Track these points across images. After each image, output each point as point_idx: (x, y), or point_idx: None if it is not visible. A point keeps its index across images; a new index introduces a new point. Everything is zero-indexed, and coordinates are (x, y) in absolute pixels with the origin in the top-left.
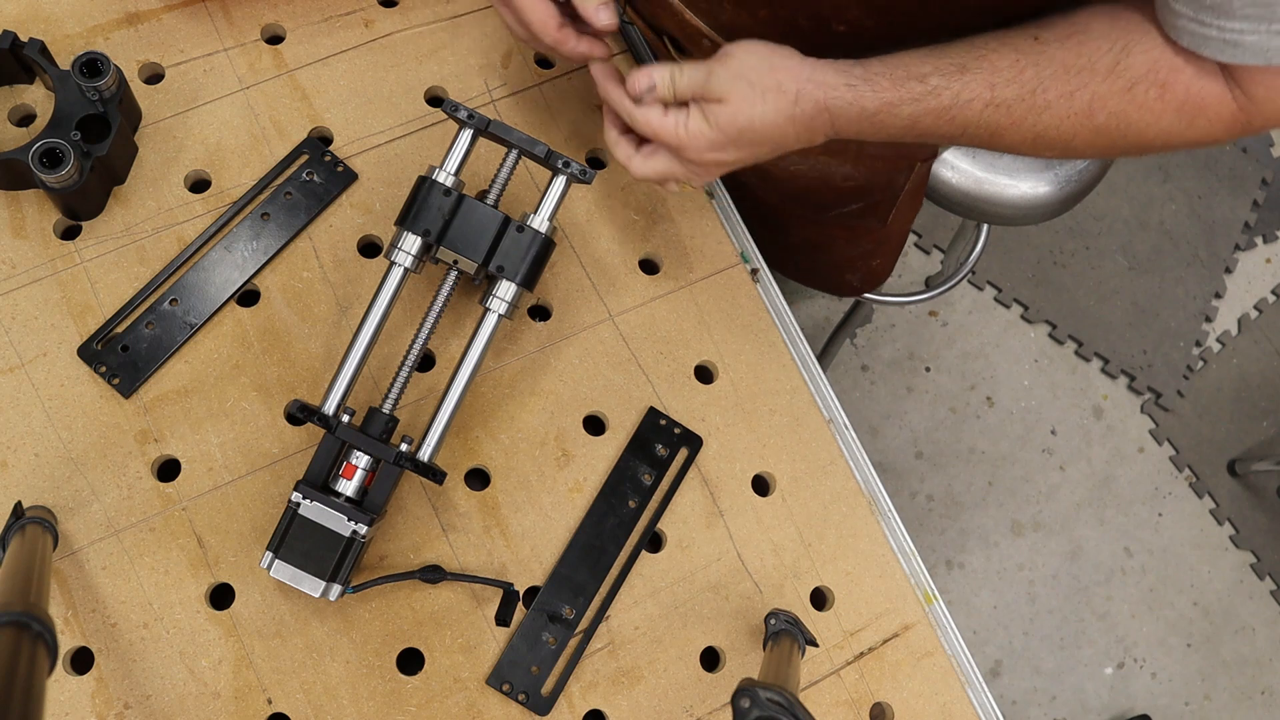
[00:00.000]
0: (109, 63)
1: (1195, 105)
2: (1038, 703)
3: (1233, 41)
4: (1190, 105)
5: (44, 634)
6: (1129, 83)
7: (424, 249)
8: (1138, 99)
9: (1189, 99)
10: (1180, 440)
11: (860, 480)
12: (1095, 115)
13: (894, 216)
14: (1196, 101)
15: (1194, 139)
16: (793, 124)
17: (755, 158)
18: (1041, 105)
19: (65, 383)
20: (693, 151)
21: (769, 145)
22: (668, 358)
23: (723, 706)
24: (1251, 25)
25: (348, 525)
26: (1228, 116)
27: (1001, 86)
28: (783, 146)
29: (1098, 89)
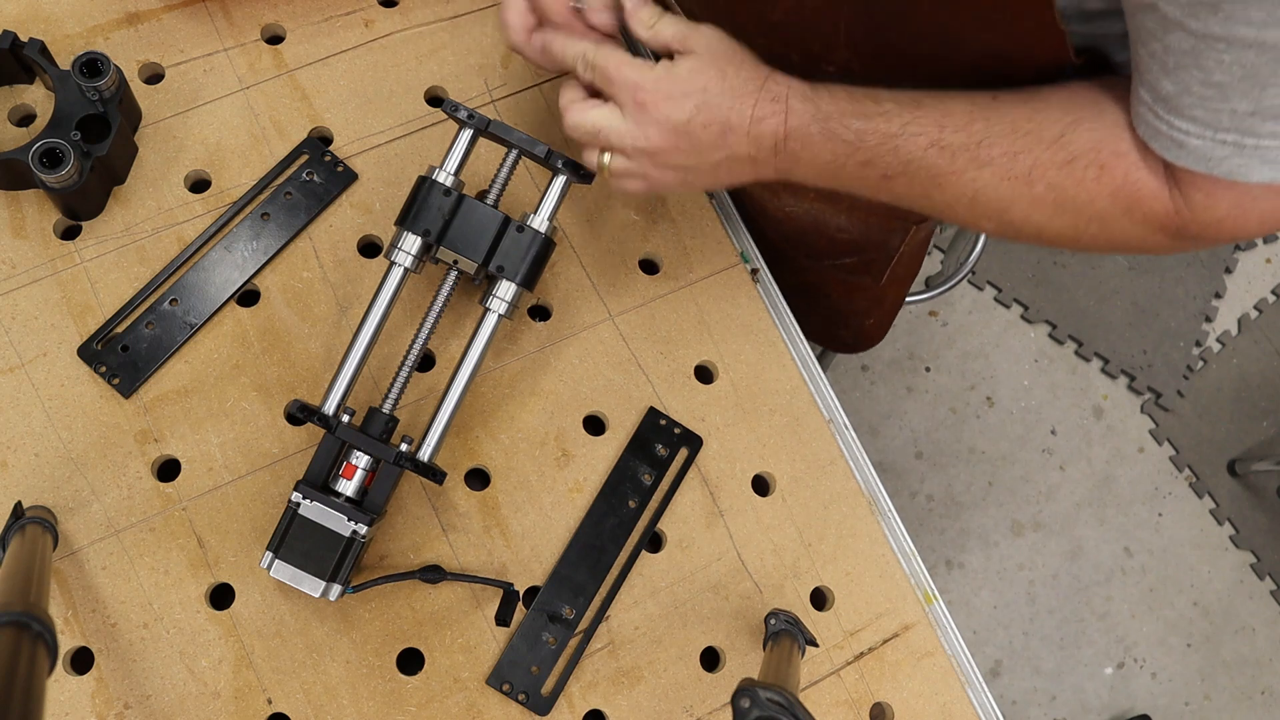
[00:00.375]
0: (109, 63)
1: (1131, 194)
2: (1038, 703)
3: (1179, 141)
4: (1126, 193)
5: (44, 634)
6: (1070, 156)
7: (424, 249)
8: (1076, 174)
9: (1125, 186)
10: (1180, 440)
11: (860, 480)
12: (1034, 183)
13: (889, 277)
14: (1133, 190)
15: (1133, 235)
16: (753, 107)
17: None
18: (984, 159)
19: (65, 383)
20: (649, 93)
21: (717, 128)
22: (668, 358)
23: (723, 706)
24: (1197, 129)
25: (348, 525)
26: (1162, 214)
27: (950, 130)
28: (730, 144)
29: (1040, 156)
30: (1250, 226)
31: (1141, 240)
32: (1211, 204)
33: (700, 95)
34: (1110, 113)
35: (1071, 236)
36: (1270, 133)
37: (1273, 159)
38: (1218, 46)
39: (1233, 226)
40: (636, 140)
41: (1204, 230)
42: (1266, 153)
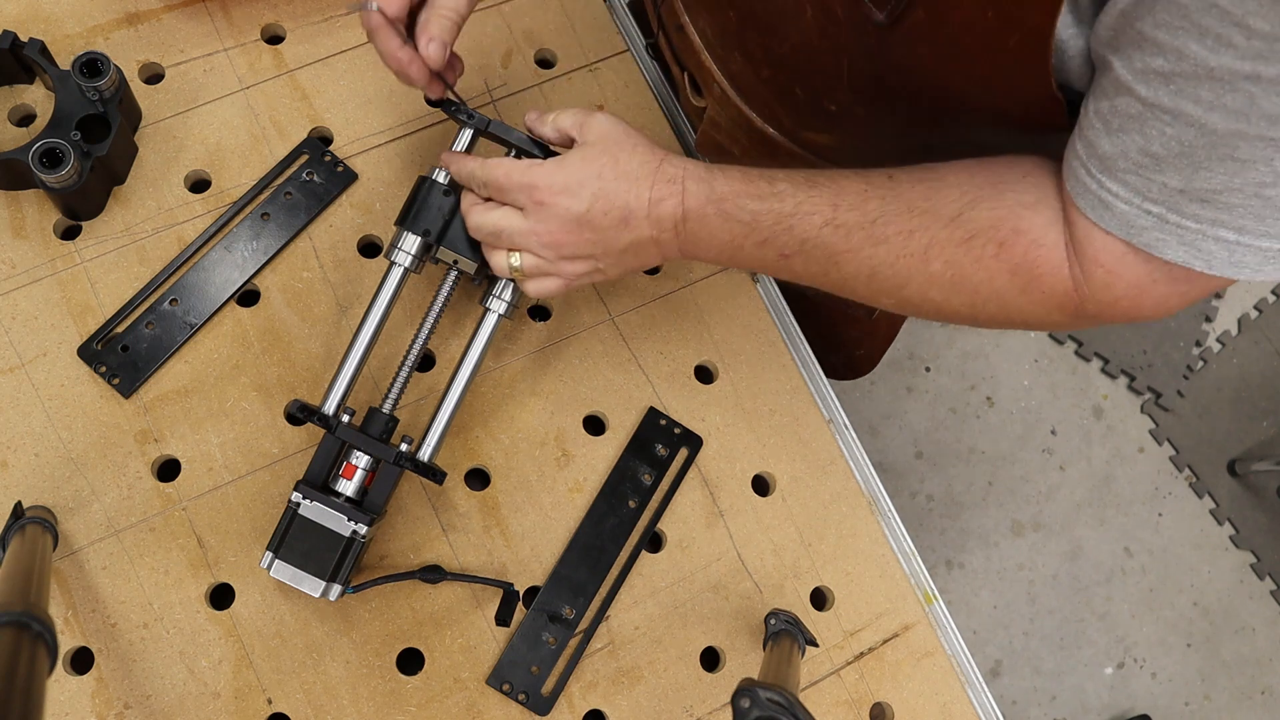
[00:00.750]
0: (109, 63)
1: (1030, 271)
2: (1038, 703)
3: (1106, 202)
4: (1025, 270)
5: (44, 634)
6: (969, 234)
7: (424, 249)
8: (974, 252)
9: (1024, 263)
10: (1180, 440)
11: (860, 480)
12: (931, 261)
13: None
14: (1031, 268)
15: (1030, 313)
16: (650, 189)
17: (602, 242)
18: (880, 237)
19: (65, 383)
20: (544, 190)
21: (618, 214)
22: (668, 358)
23: (723, 706)
24: (1127, 193)
25: (348, 525)
26: (1060, 293)
27: (844, 209)
28: (632, 227)
29: (937, 234)
30: (1144, 309)
31: (1040, 318)
32: (1112, 283)
33: (596, 183)
34: (1011, 192)
35: (969, 314)
36: (1193, 215)
37: (1189, 241)
38: (1163, 118)
39: (1128, 307)
40: (540, 236)
41: (1101, 309)
42: (1185, 234)
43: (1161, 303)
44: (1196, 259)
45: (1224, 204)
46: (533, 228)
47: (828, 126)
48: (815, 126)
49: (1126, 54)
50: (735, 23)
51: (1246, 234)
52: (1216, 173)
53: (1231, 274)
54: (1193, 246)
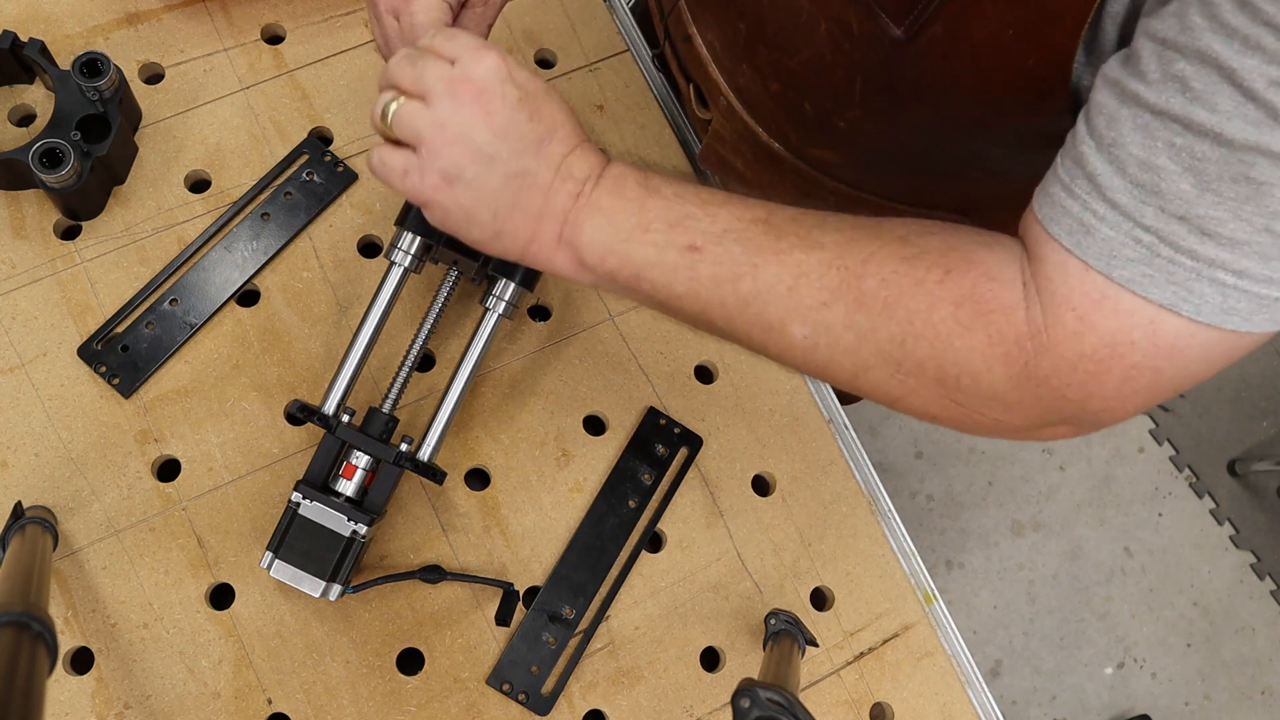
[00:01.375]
0: (109, 63)
1: (978, 305)
2: (1038, 703)
3: (1087, 225)
4: (972, 303)
5: (44, 634)
6: (915, 253)
7: (424, 249)
8: (917, 273)
9: (973, 295)
10: (1180, 440)
11: (860, 480)
12: (866, 276)
13: None
14: (980, 301)
15: (966, 361)
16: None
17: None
18: (814, 242)
19: (65, 383)
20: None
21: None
22: (668, 358)
23: (723, 706)
24: (1115, 216)
25: (348, 525)
26: (1010, 338)
27: (781, 214)
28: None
29: (879, 249)
30: (1107, 383)
31: (975, 372)
32: (1082, 333)
33: (540, 93)
34: (967, 232)
35: (890, 356)
36: (1189, 250)
37: (1180, 280)
38: (1172, 127)
39: (1091, 372)
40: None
41: (1055, 369)
42: (1176, 271)
43: (1127, 380)
44: (1185, 302)
45: (1227, 239)
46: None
47: (835, 143)
48: (822, 143)
49: (1137, 61)
50: (745, 35)
51: (1246, 278)
52: (1225, 196)
53: (1217, 321)
54: (1183, 287)
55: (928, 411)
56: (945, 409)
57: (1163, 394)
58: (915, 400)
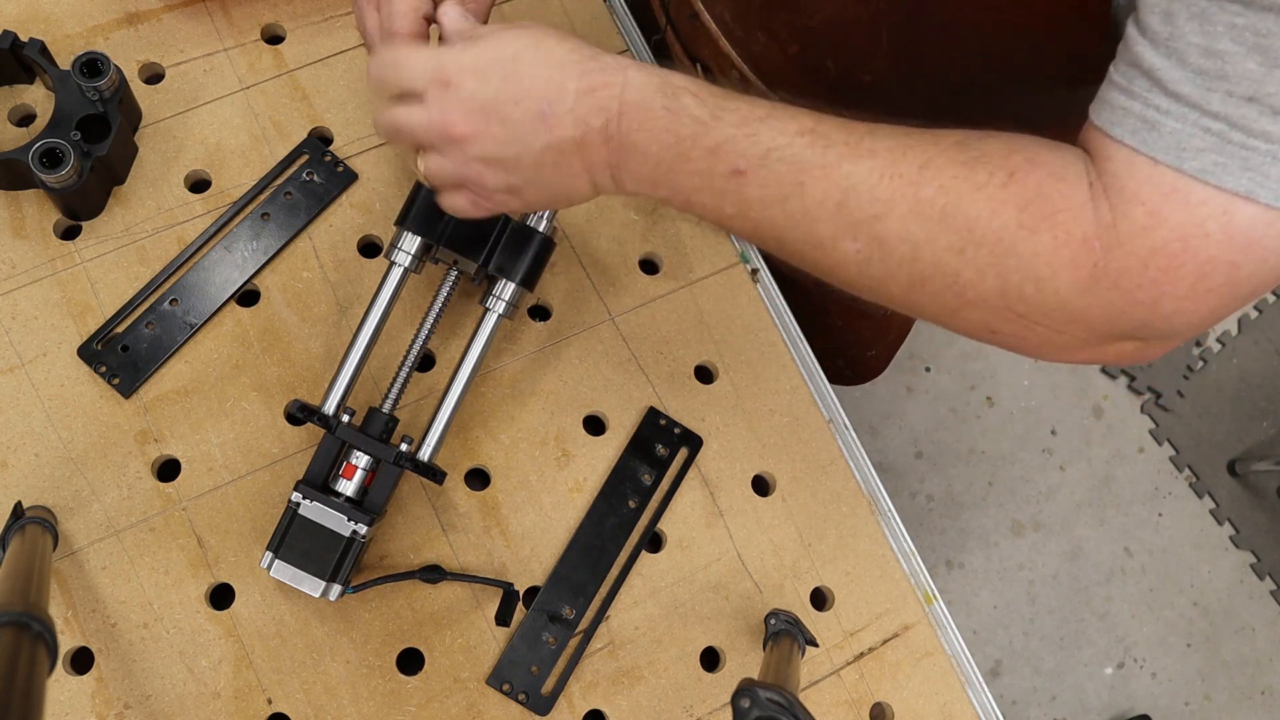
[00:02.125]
0: (109, 63)
1: (1044, 206)
2: (1038, 703)
3: (1151, 121)
4: (1038, 204)
5: (44, 634)
6: (975, 156)
7: (424, 249)
8: (978, 177)
9: (1038, 198)
10: (1180, 440)
11: (860, 480)
12: (922, 184)
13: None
14: (1046, 204)
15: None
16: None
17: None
18: (866, 150)
19: (65, 383)
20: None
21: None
22: (668, 358)
23: (723, 706)
24: (1180, 108)
25: (348, 525)
26: (1079, 238)
27: (829, 123)
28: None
29: (936, 154)
30: (1183, 275)
31: (1043, 276)
32: (1153, 226)
33: (510, 65)
34: (1028, 137)
35: (949, 267)
36: (1262, 132)
37: (1255, 165)
38: (1231, 9)
39: (1165, 266)
40: (441, 127)
41: (1127, 266)
42: (1249, 157)
43: (1201, 276)
44: (1261, 188)
45: None
46: (433, 117)
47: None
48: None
49: None
50: (759, 2)
51: None
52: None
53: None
54: (1258, 172)
55: (986, 326)
56: (1005, 322)
57: (1239, 294)
58: (973, 314)
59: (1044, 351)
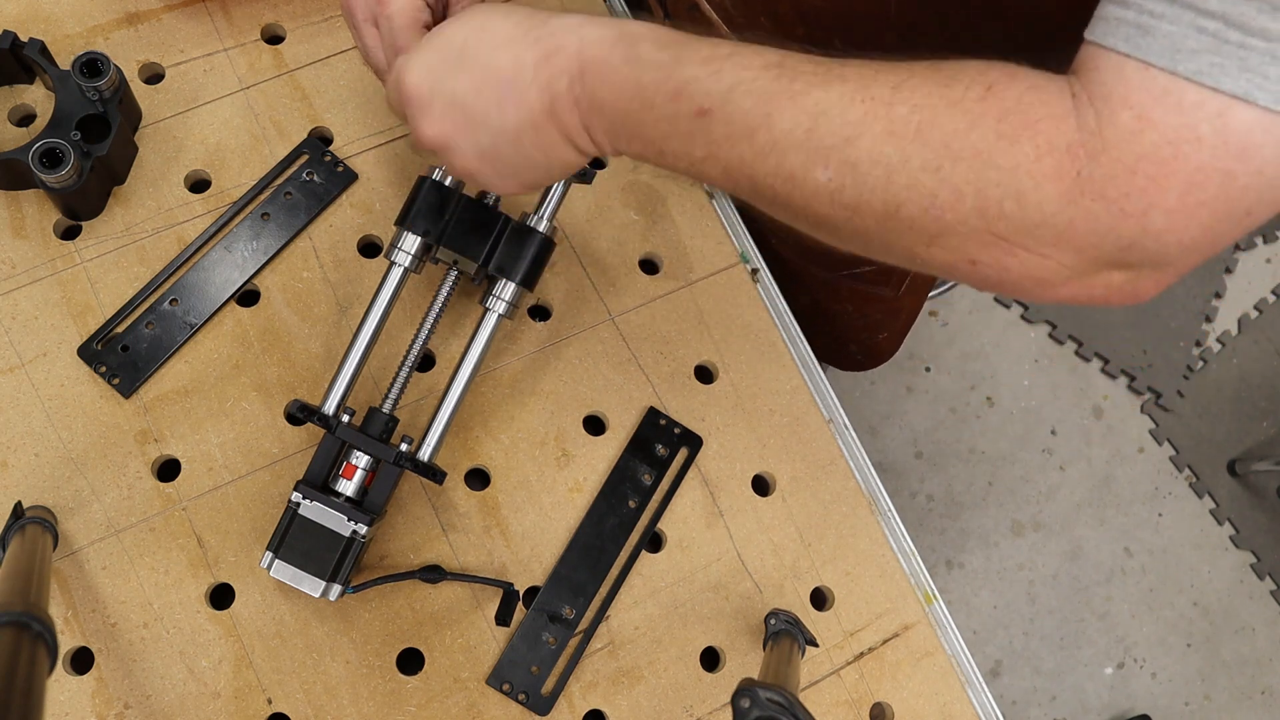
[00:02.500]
0: (109, 63)
1: (1023, 117)
2: (1038, 703)
3: (1145, 26)
4: (1017, 116)
5: (44, 634)
6: (951, 75)
7: (424, 249)
8: (954, 94)
9: (1018, 107)
10: (1180, 440)
11: (860, 480)
12: (895, 104)
13: (907, 287)
14: (1026, 112)
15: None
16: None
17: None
18: (836, 76)
19: (65, 383)
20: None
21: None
22: (668, 358)
23: (723, 706)
24: (1174, 9)
25: (348, 525)
26: (1061, 146)
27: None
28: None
29: (910, 76)
30: (1173, 183)
31: (1025, 189)
32: (1141, 130)
33: (459, 56)
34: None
35: (925, 188)
36: (1261, 29)
37: (1252, 65)
38: None
39: (1155, 173)
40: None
41: (1113, 172)
42: (1247, 57)
43: (1193, 185)
44: (1259, 90)
45: None
46: (413, 137)
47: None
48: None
49: None
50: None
51: None
52: None
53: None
54: (1256, 72)
55: (966, 255)
56: (986, 247)
57: (1234, 210)
58: (952, 241)
59: (1027, 285)
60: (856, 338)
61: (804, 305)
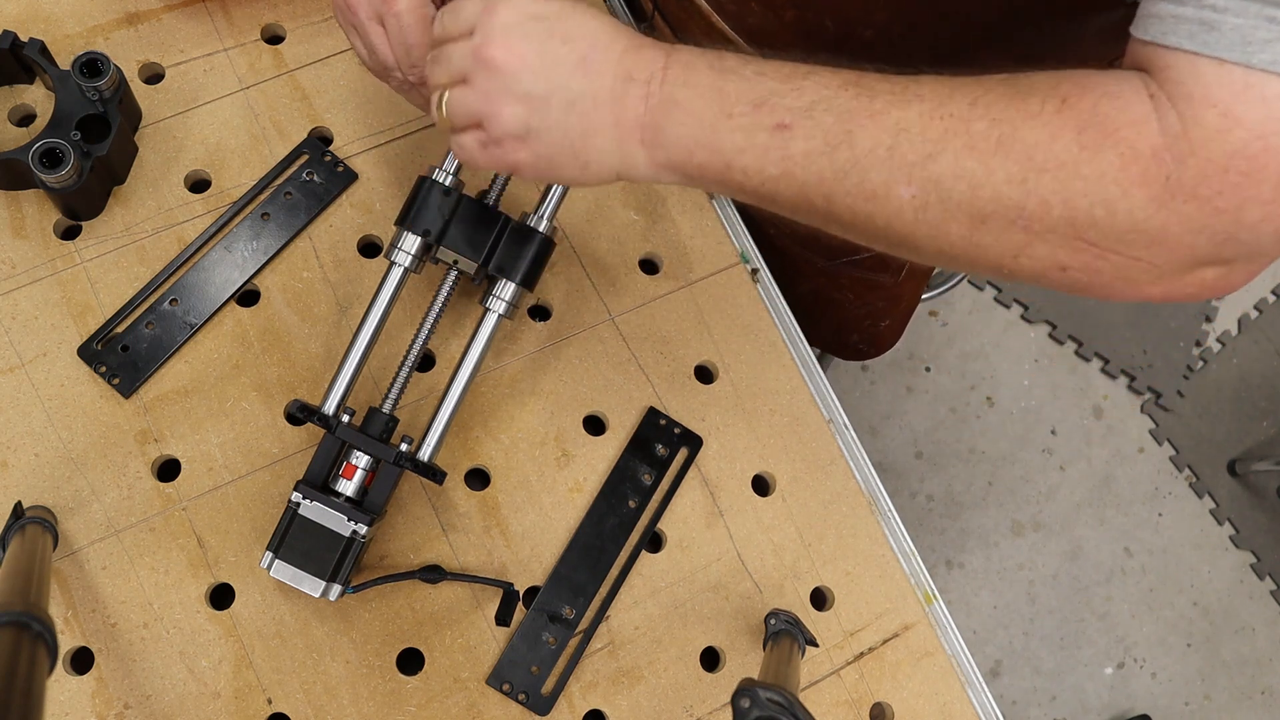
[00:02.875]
0: (109, 63)
1: (1103, 126)
2: (1038, 703)
3: (1209, 22)
4: (1097, 125)
5: (44, 634)
6: (1024, 89)
7: (424, 249)
8: (1031, 108)
9: (1096, 118)
10: (1180, 440)
11: (860, 480)
12: (973, 120)
13: (907, 273)
14: (1105, 121)
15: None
16: (630, 37)
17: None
18: (913, 95)
19: (65, 383)
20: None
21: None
22: (668, 358)
23: (723, 706)
24: (1237, 3)
25: (348, 525)
26: (1146, 152)
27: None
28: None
29: (985, 92)
30: (1267, 176)
31: (1113, 197)
32: (1228, 128)
33: (562, 13)
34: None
35: (1010, 201)
36: None
37: None
38: None
39: (1247, 169)
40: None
41: (1204, 172)
42: None
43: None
44: None
45: None
46: (475, 41)
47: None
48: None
49: None
50: None
51: None
52: None
53: None
54: None
55: (1056, 262)
56: (1076, 254)
57: None
58: (1041, 250)
59: (1118, 287)
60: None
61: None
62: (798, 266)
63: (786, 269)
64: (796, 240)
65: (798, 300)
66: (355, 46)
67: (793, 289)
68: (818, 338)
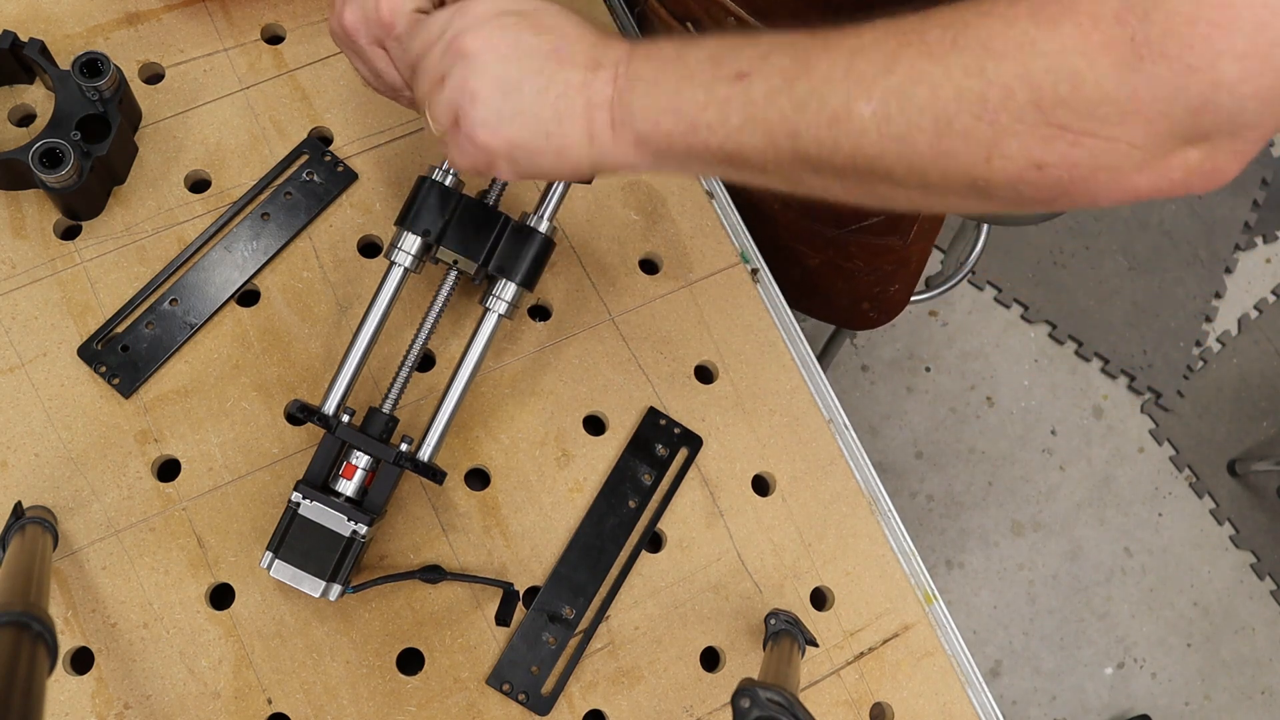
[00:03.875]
0: (109, 63)
1: (1058, 3)
2: (1038, 703)
3: None
4: (1052, 4)
5: (44, 634)
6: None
7: (424, 249)
8: (983, 7)
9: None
10: (1180, 440)
11: (860, 480)
12: (926, 29)
13: (915, 233)
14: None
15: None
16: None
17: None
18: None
19: (65, 383)
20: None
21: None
22: (668, 358)
23: (723, 706)
24: None
25: (348, 525)
26: (1107, 16)
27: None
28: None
29: (936, 11)
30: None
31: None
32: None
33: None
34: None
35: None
36: None
37: None
38: None
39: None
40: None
41: (1172, 26)
42: None
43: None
44: None
45: None
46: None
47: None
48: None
49: None
50: None
51: None
52: None
53: None
54: None
55: (1030, 158)
56: (1049, 143)
57: None
58: (1013, 145)
59: (1101, 180)
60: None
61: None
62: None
63: (796, 242)
64: (802, 212)
65: (809, 275)
66: (359, 70)
67: (803, 264)
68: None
